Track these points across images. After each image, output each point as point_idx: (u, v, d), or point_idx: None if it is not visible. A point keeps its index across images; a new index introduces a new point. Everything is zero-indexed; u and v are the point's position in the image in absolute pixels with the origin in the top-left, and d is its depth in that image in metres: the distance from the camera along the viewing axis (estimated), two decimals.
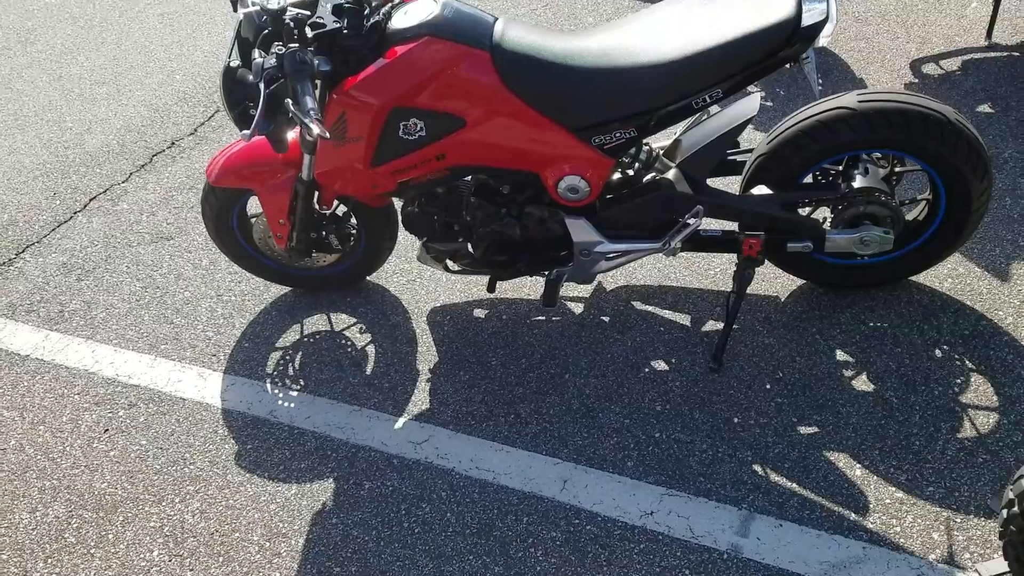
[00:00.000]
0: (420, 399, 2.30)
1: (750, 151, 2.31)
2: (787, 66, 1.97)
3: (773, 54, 1.90)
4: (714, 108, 2.35)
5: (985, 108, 2.98)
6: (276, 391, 2.39)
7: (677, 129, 2.37)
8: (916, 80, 3.19)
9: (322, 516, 2.06)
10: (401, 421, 2.25)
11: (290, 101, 1.76)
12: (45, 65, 4.30)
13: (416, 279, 2.70)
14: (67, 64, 4.28)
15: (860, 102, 2.01)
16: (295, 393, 2.37)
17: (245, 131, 1.82)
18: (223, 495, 2.14)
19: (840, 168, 2.19)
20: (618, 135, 2.04)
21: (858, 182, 2.14)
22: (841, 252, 2.24)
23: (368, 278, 2.72)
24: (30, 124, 3.79)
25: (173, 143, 3.56)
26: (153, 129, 3.65)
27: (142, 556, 2.04)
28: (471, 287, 2.64)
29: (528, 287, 2.60)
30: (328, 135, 1.73)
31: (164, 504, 2.14)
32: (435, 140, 2.04)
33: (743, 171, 2.24)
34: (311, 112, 1.76)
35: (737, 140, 2.39)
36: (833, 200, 2.16)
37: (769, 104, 3.22)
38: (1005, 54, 3.22)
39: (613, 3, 4.15)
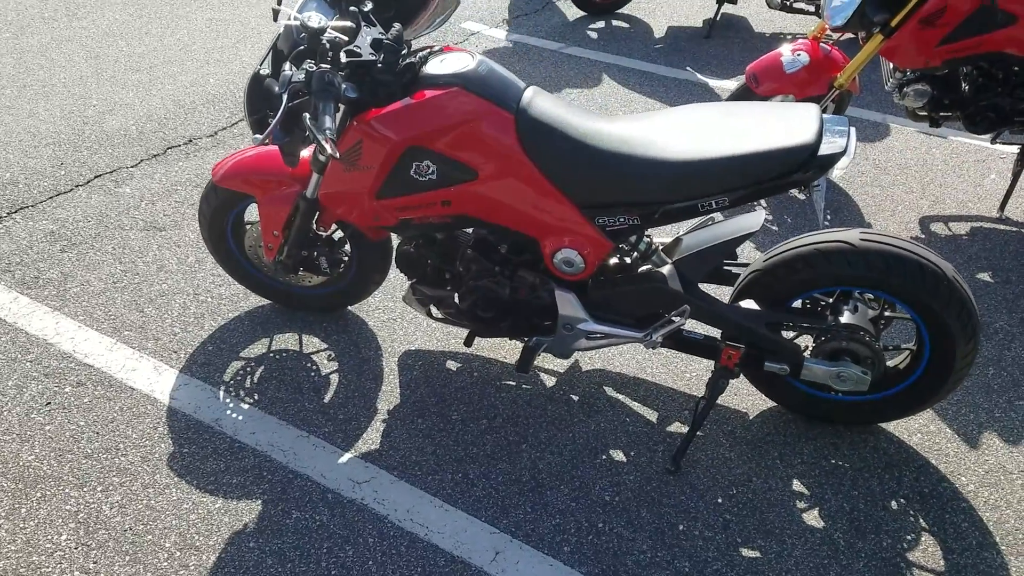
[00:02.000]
0: (371, 438, 2.25)
1: (746, 265, 2.32)
2: (797, 191, 1.99)
3: (786, 175, 1.92)
4: (719, 216, 2.36)
5: (985, 276, 3.01)
6: (227, 400, 2.33)
7: (681, 228, 2.40)
8: (923, 235, 3.24)
9: (241, 536, 1.98)
10: (346, 456, 2.19)
11: (308, 116, 1.77)
12: (85, 42, 4.37)
13: (397, 318, 2.68)
14: (107, 45, 4.35)
15: (862, 240, 2.03)
16: (246, 406, 2.32)
17: (258, 135, 1.83)
18: (146, 494, 2.06)
19: (831, 300, 2.20)
20: (621, 220, 2.05)
21: (845, 317, 2.14)
22: (816, 383, 2.23)
23: (350, 308, 2.70)
24: (56, 94, 3.83)
25: (191, 140, 3.58)
26: (174, 123, 3.68)
27: (49, 538, 1.95)
28: (449, 338, 2.61)
29: (506, 350, 2.58)
30: (338, 155, 1.74)
31: (85, 490, 2.06)
32: (444, 186, 2.05)
33: (736, 283, 2.25)
34: (327, 131, 1.77)
35: (735, 251, 2.42)
36: (818, 330, 2.16)
37: (775, 228, 3.26)
38: (1015, 229, 3.28)
39: (643, 103, 4.26)
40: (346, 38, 1.96)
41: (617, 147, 2.00)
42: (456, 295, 2.31)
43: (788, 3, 4.91)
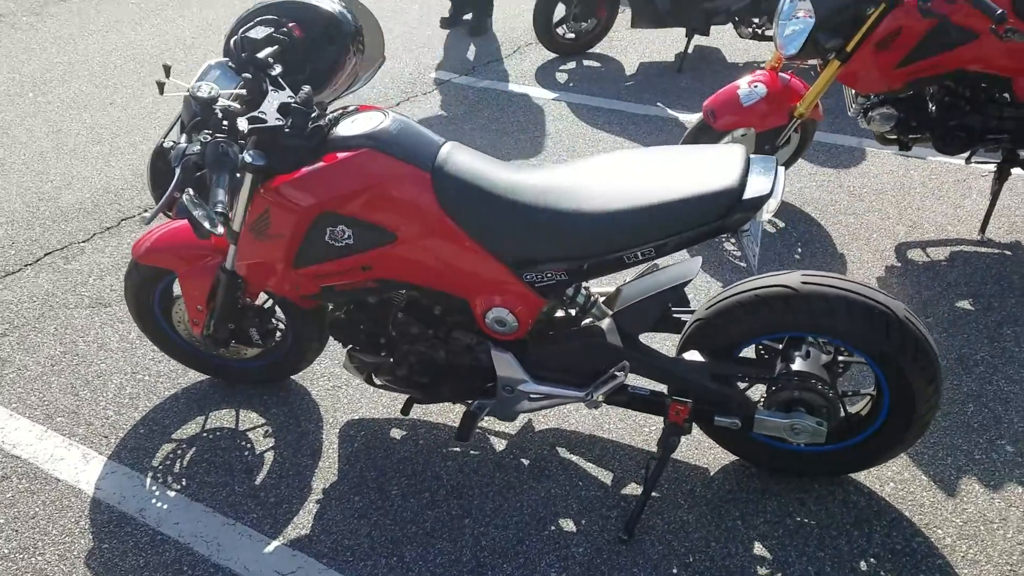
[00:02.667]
0: (303, 522, 2.12)
1: (693, 311, 2.19)
2: (727, 236, 1.87)
3: (711, 222, 1.80)
4: (664, 261, 2.23)
5: (965, 304, 2.85)
6: (154, 487, 2.22)
7: (627, 276, 2.28)
8: (899, 264, 3.09)
9: None
10: (273, 544, 2.06)
11: (189, 192, 1.69)
12: (49, 116, 4.37)
13: (342, 386, 2.56)
14: (70, 118, 4.34)
15: (803, 283, 1.89)
16: (173, 493, 2.20)
17: (146, 214, 1.74)
18: None
19: (781, 346, 2.06)
20: (549, 276, 1.94)
21: (797, 364, 1.99)
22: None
23: (294, 377, 2.59)
24: (14, 172, 3.80)
25: (147, 210, 3.52)
26: (131, 194, 3.64)
27: None
28: (396, 403, 2.49)
29: (456, 413, 2.45)
30: (219, 232, 1.65)
31: None
32: (362, 250, 1.96)
33: (682, 332, 2.12)
34: (218, 204, 1.69)
35: (684, 296, 2.29)
36: (767, 379, 2.01)
37: (742, 264, 3.12)
38: (996, 251, 3.12)
39: (612, 142, 4.17)
40: (240, 106, 1.89)
41: (538, 200, 1.89)
42: (392, 361, 2.20)
43: (759, 32, 4.83)
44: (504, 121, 4.49)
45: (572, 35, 5.26)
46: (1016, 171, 3.17)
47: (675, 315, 2.22)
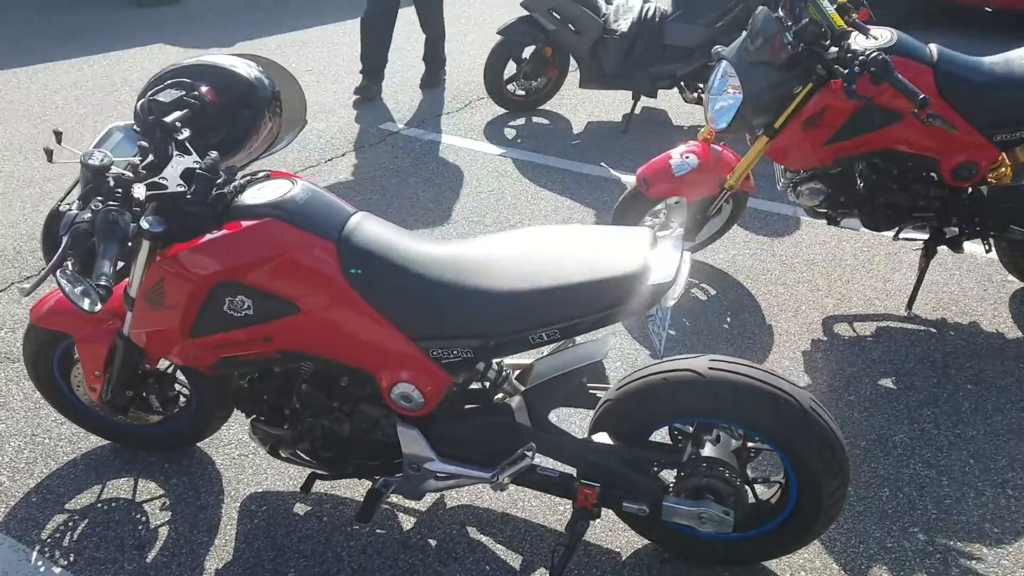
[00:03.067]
0: None
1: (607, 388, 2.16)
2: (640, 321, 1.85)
3: (614, 306, 1.78)
4: (582, 337, 2.21)
5: (888, 383, 2.86)
6: (40, 564, 2.10)
7: (544, 350, 2.25)
8: (825, 337, 3.10)
9: None
10: None
11: (67, 267, 1.62)
12: None
13: (249, 454, 2.47)
14: (3, 160, 4.23)
15: (711, 369, 1.87)
16: (59, 570, 2.08)
17: (25, 286, 1.66)
18: None
19: (691, 431, 2.03)
20: (456, 352, 1.89)
21: (707, 449, 1.96)
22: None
23: (200, 444, 2.50)
24: None
25: (28, 279, 3.42)
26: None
27: None
28: (304, 476, 2.41)
29: (365, 487, 2.37)
30: (96, 310, 1.58)
31: None
32: (262, 321, 1.89)
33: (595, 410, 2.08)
34: (102, 277, 1.62)
35: (602, 371, 2.25)
36: (676, 465, 1.98)
37: (672, 333, 3.11)
38: (922, 328, 3.15)
39: (554, 200, 4.16)
40: (135, 173, 1.83)
41: (445, 275, 1.86)
42: (295, 433, 2.12)
43: (704, 96, 4.90)
44: (449, 175, 4.47)
45: (523, 92, 5.30)
46: (943, 248, 3.21)
47: (591, 391, 2.19)
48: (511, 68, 5.20)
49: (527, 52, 5.20)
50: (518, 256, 1.88)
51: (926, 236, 3.15)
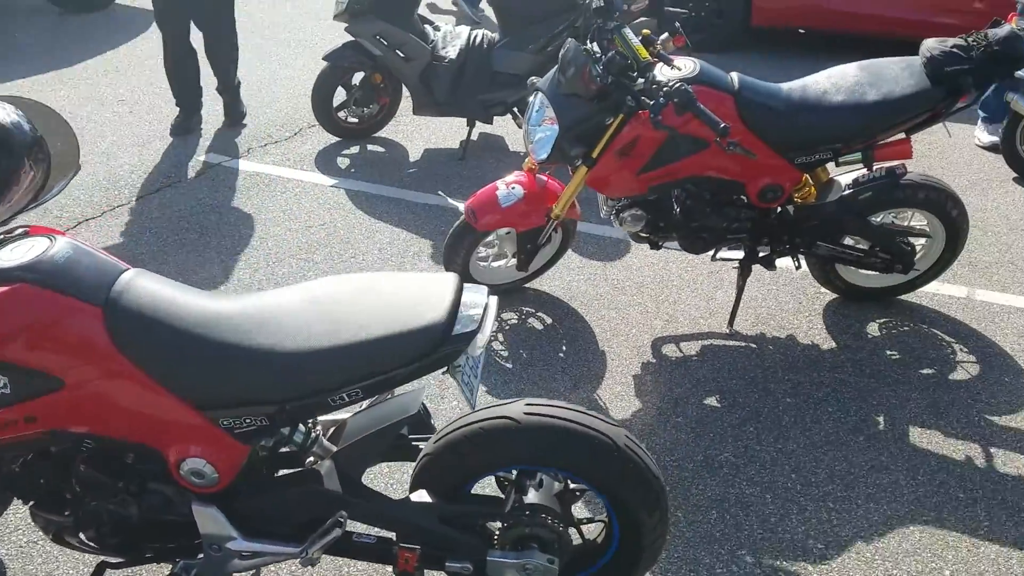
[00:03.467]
0: None
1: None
2: (442, 372, 1.76)
3: (419, 359, 1.69)
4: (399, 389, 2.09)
5: (712, 401, 2.93)
6: None
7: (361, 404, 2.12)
8: (655, 360, 3.15)
9: None
10: None
11: None
12: None
13: (38, 540, 2.20)
14: None
15: (526, 414, 1.81)
16: None
17: None
18: None
19: (514, 479, 1.96)
20: (248, 421, 1.74)
21: (530, 496, 1.90)
22: None
23: None
24: None
25: None
26: None
27: None
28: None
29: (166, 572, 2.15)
30: None
31: None
32: (23, 400, 1.67)
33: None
34: None
35: (426, 420, 2.15)
36: (499, 516, 1.90)
37: (484, 388, 3.06)
38: (742, 344, 3.26)
39: (389, 232, 4.04)
40: None
41: (230, 336, 1.70)
42: (77, 519, 1.88)
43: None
44: (276, 209, 4.26)
45: (355, 119, 5.15)
46: (757, 267, 3.36)
47: (414, 443, 2.08)
48: (342, 94, 5.06)
49: (357, 78, 5.07)
50: (313, 310, 1.75)
51: (741, 255, 3.27)
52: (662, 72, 2.87)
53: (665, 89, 2.62)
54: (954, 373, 3.04)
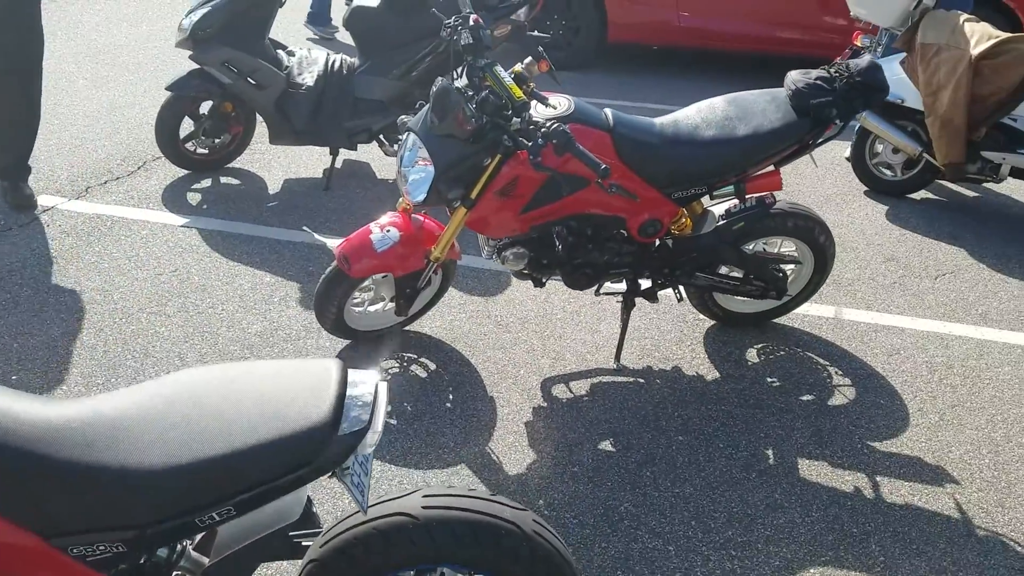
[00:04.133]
0: None
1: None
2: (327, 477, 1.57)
3: (301, 467, 1.49)
4: None
5: (607, 445, 2.86)
6: None
7: None
8: (546, 403, 3.05)
9: None
10: None
11: None
12: None
13: None
14: None
15: (424, 508, 1.65)
16: None
17: None
18: None
19: None
20: (102, 548, 1.48)
21: None
22: None
23: None
24: None
25: None
26: None
27: None
28: None
29: None
30: None
31: None
32: None
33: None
34: None
35: (313, 516, 1.94)
36: None
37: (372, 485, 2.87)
38: (631, 380, 3.21)
39: (251, 276, 3.75)
40: None
41: (72, 452, 1.43)
42: None
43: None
44: (119, 256, 3.86)
45: (205, 150, 4.78)
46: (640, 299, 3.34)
47: (297, 541, 1.87)
48: (190, 124, 4.68)
49: (206, 107, 4.70)
50: (172, 415, 1.51)
51: (624, 289, 3.23)
52: (538, 111, 2.77)
53: (543, 130, 2.52)
54: (832, 398, 3.12)
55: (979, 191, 5.04)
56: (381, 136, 4.73)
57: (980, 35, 4.29)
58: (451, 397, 3.06)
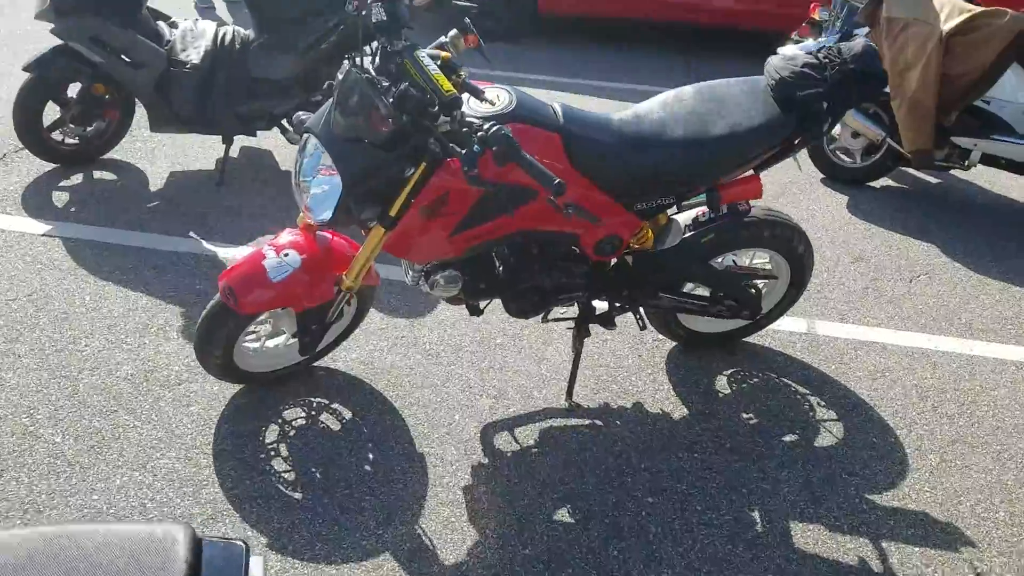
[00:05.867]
0: None
1: None
2: None
3: None
4: None
5: (563, 515, 2.34)
6: None
7: None
8: (487, 460, 2.53)
9: None
10: None
11: None
12: None
13: None
14: None
15: None
16: None
17: None
18: None
19: None
20: None
21: None
22: None
23: None
24: None
25: None
26: None
27: None
28: None
29: None
30: None
31: None
32: None
33: None
34: None
35: None
36: None
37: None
38: (587, 422, 2.72)
39: (122, 304, 3.08)
40: None
41: None
42: None
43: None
44: None
45: (74, 140, 4.03)
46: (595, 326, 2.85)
47: None
48: (55, 110, 3.92)
49: (74, 89, 3.94)
50: None
51: (576, 314, 2.73)
52: (471, 107, 2.21)
53: (480, 134, 1.95)
54: (819, 438, 2.69)
55: (942, 177, 4.71)
56: (283, 121, 4.06)
57: (951, 8, 3.90)
58: (371, 457, 2.51)
